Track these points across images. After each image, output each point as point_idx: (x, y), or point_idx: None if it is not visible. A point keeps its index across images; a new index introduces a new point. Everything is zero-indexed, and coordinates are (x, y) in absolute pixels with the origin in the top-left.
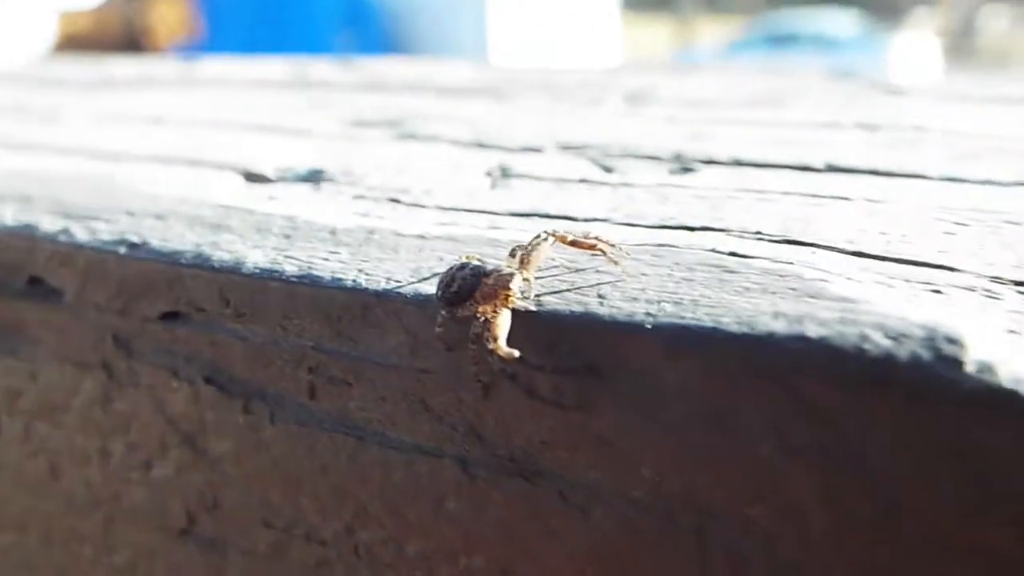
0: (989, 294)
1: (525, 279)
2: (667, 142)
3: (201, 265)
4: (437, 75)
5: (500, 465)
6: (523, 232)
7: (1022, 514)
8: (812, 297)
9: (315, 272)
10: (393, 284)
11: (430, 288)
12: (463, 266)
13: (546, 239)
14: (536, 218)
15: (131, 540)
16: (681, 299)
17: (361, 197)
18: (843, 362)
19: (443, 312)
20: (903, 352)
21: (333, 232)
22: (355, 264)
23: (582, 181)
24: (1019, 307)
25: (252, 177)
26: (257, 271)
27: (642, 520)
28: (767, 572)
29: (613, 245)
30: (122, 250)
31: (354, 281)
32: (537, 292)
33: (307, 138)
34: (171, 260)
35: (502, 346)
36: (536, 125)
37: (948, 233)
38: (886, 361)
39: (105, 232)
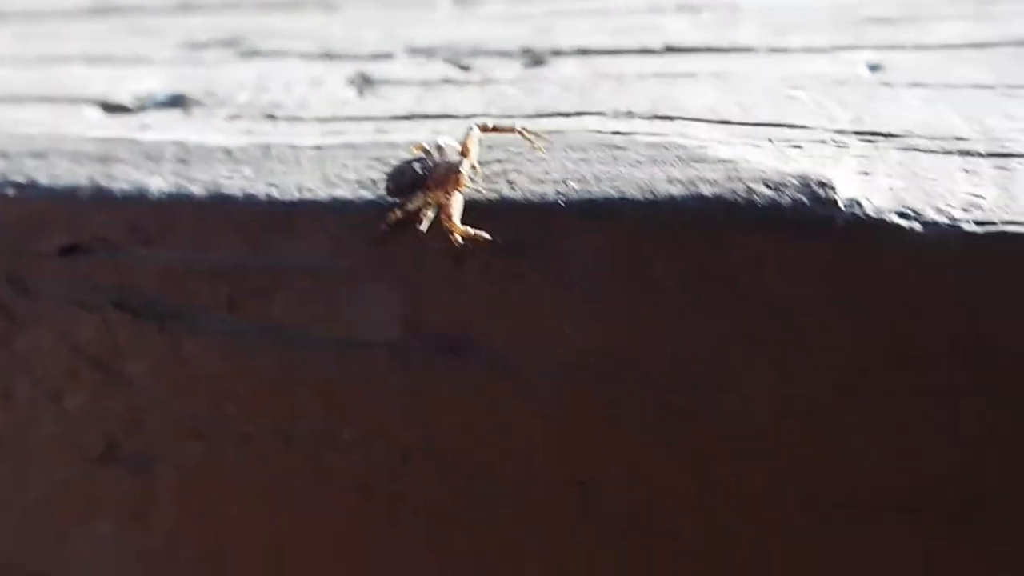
0: (838, 144)
1: (472, 165)
2: (513, 38)
3: (102, 197)
4: None
5: (431, 346)
6: (412, 133)
7: (890, 319)
8: (697, 162)
9: (224, 191)
10: (307, 193)
11: (344, 193)
12: (410, 161)
13: (472, 129)
14: (418, 119)
15: (45, 474)
16: (583, 176)
17: (237, 116)
18: (735, 212)
19: (394, 202)
20: (785, 199)
21: (229, 152)
22: (262, 179)
23: (446, 81)
24: (865, 152)
25: (111, 108)
26: (164, 197)
27: (571, 380)
28: (690, 414)
29: (531, 131)
30: (10, 192)
31: (267, 195)
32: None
33: (147, 65)
34: (67, 196)
35: (458, 224)
36: (376, 32)
37: (790, 97)
38: (771, 207)
39: None
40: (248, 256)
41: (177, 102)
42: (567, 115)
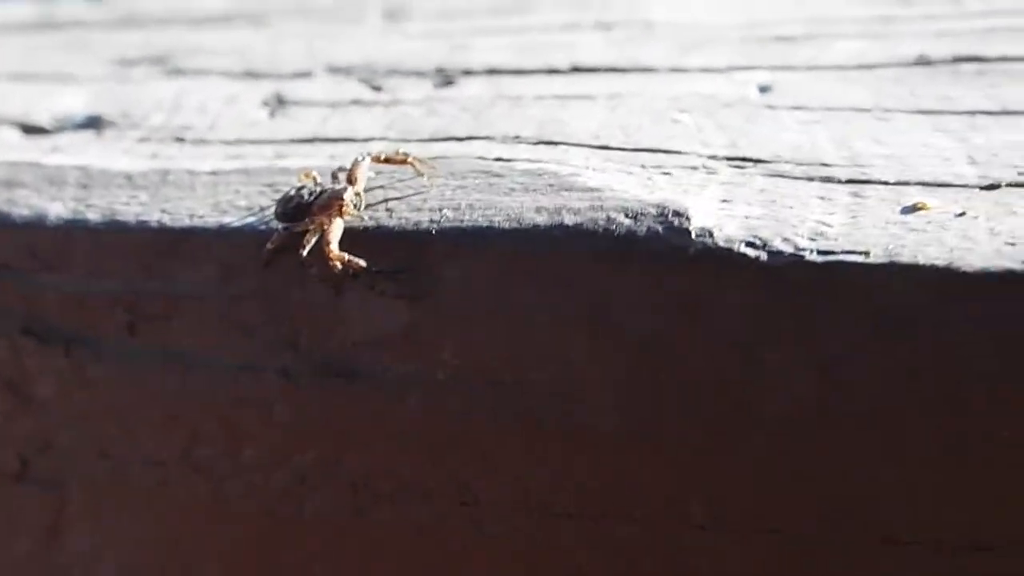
0: (707, 170)
1: (356, 193)
2: (429, 56)
3: (2, 224)
4: (193, 6)
5: (317, 369)
6: (308, 158)
7: (739, 342)
8: (566, 190)
9: (119, 218)
10: (197, 220)
11: (232, 220)
12: (300, 187)
13: (364, 159)
14: (318, 143)
15: None
16: (459, 204)
17: (146, 139)
18: (595, 242)
19: (280, 228)
20: (641, 228)
21: (129, 177)
22: (156, 205)
23: (355, 102)
24: (731, 179)
25: (30, 129)
26: (61, 223)
27: (447, 399)
28: (561, 434)
29: (421, 160)
30: None
31: (159, 222)
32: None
33: (73, 83)
34: None
35: (335, 251)
36: (301, 50)
37: (674, 121)
38: (629, 236)
39: None
40: (142, 283)
41: (93, 123)
42: (459, 139)
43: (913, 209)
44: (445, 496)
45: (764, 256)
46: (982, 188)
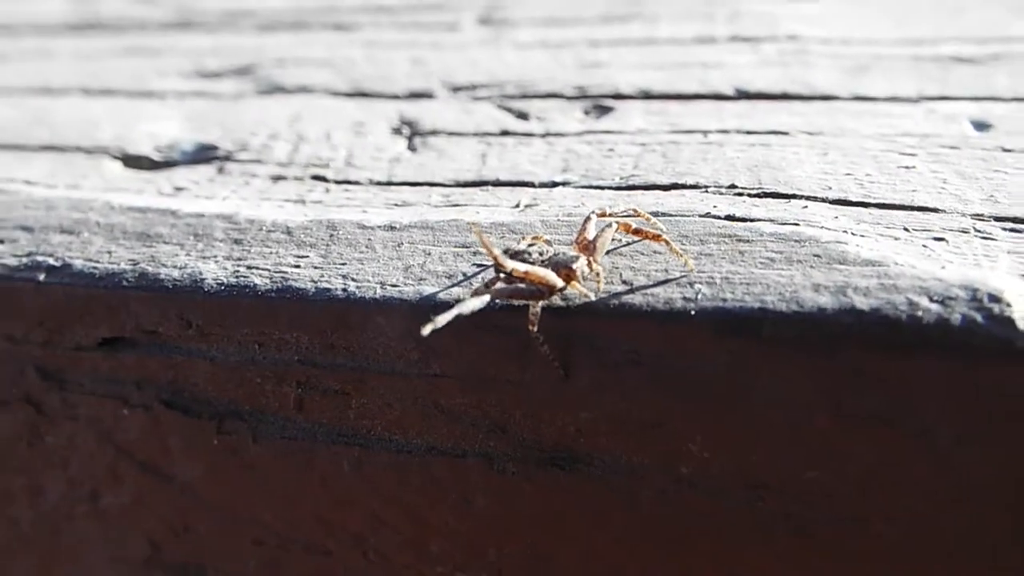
0: (981, 235)
1: (590, 263)
2: (560, 74)
3: (150, 287)
4: (254, 6)
5: (530, 457)
6: (489, 208)
7: None
8: (840, 263)
9: (292, 283)
10: (390, 289)
11: (429, 287)
12: (531, 244)
13: (610, 226)
14: (490, 187)
15: (78, 574)
16: (712, 278)
17: (280, 178)
18: (897, 331)
19: (495, 276)
20: (955, 316)
21: (288, 231)
22: (333, 269)
23: (505, 134)
24: (1017, 247)
25: (133, 161)
26: (222, 288)
27: (691, 497)
28: (833, 546)
29: (663, 232)
30: (40, 276)
31: (344, 290)
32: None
33: (157, 100)
34: (109, 283)
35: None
36: (404, 61)
37: (905, 167)
38: (940, 325)
39: (7, 255)
40: (320, 355)
41: (205, 155)
42: (664, 188)
43: None
44: None
45: None
46: None
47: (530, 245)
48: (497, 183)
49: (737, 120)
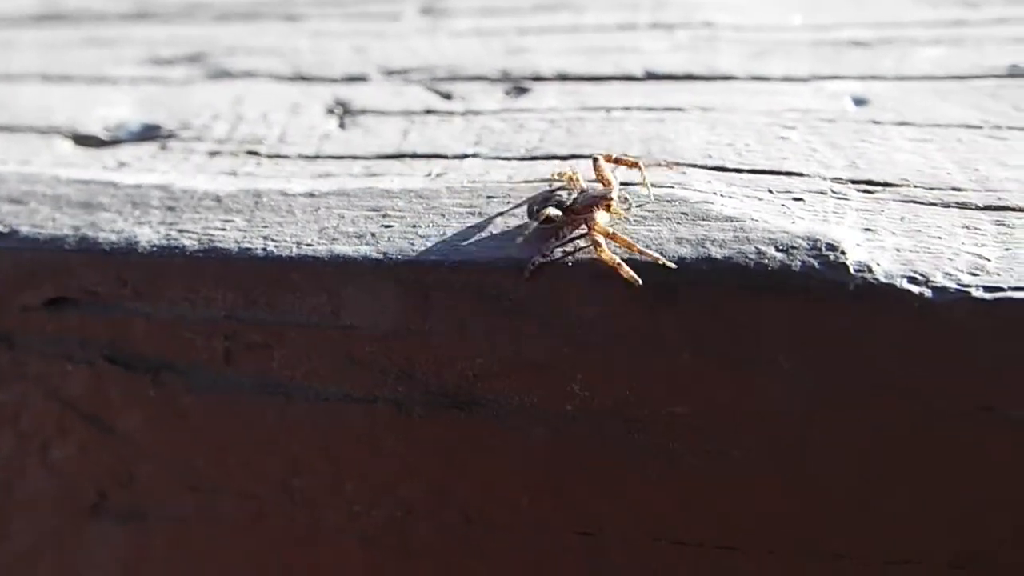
0: (837, 195)
1: (621, 196)
2: (488, 59)
3: (90, 249)
4: None
5: (434, 400)
6: (404, 176)
7: (895, 382)
8: (703, 219)
9: (218, 244)
10: (305, 248)
11: (345, 248)
12: (553, 190)
13: (597, 159)
14: (407, 159)
15: (31, 526)
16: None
17: (217, 153)
18: (747, 276)
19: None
20: (795, 263)
21: (218, 199)
22: (256, 232)
23: (429, 112)
24: (865, 205)
25: (82, 140)
26: (154, 250)
27: (575, 432)
28: (698, 468)
29: (647, 166)
30: None
31: (264, 249)
32: (456, 242)
33: (111, 86)
34: (53, 247)
35: (605, 228)
36: (346, 48)
37: (781, 138)
38: (783, 272)
39: None
40: (244, 310)
41: (151, 133)
42: (562, 158)
43: None
44: (565, 527)
45: (928, 293)
46: None
47: (553, 191)
48: (414, 155)
49: (641, 98)
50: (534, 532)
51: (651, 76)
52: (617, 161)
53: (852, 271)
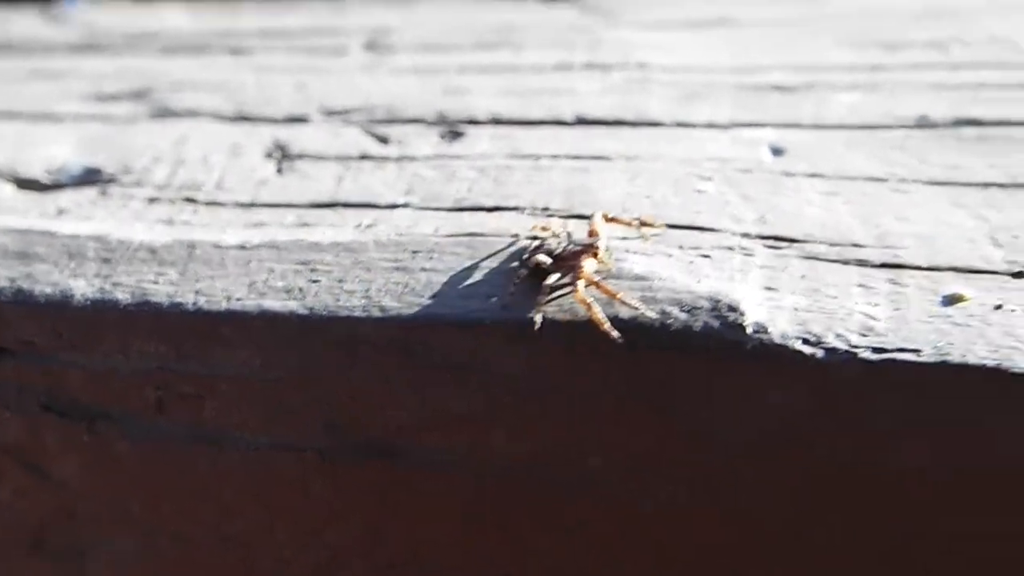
0: (744, 251)
1: (606, 247)
2: (425, 100)
3: (25, 302)
4: (152, 24)
5: (358, 449)
6: (335, 227)
7: (786, 435)
8: (616, 279)
9: (151, 299)
10: (235, 304)
11: (273, 304)
12: (538, 241)
13: (595, 214)
14: (339, 208)
15: None
16: (509, 290)
17: (155, 200)
18: (652, 337)
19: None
20: (697, 323)
21: (153, 251)
22: (188, 285)
23: (364, 158)
24: (770, 262)
25: (24, 184)
26: (88, 303)
27: (496, 483)
28: (613, 517)
29: (644, 224)
30: None
31: (194, 304)
32: (379, 298)
33: (55, 123)
34: None
35: (591, 276)
36: (289, 86)
37: (698, 191)
38: (685, 332)
39: None
40: (176, 363)
41: (92, 178)
42: (487, 209)
43: (952, 300)
44: (489, 571)
45: (820, 353)
46: (1012, 275)
47: (540, 242)
48: (347, 205)
49: (570, 145)
50: (455, 572)
51: (581, 121)
52: (614, 220)
53: (750, 332)
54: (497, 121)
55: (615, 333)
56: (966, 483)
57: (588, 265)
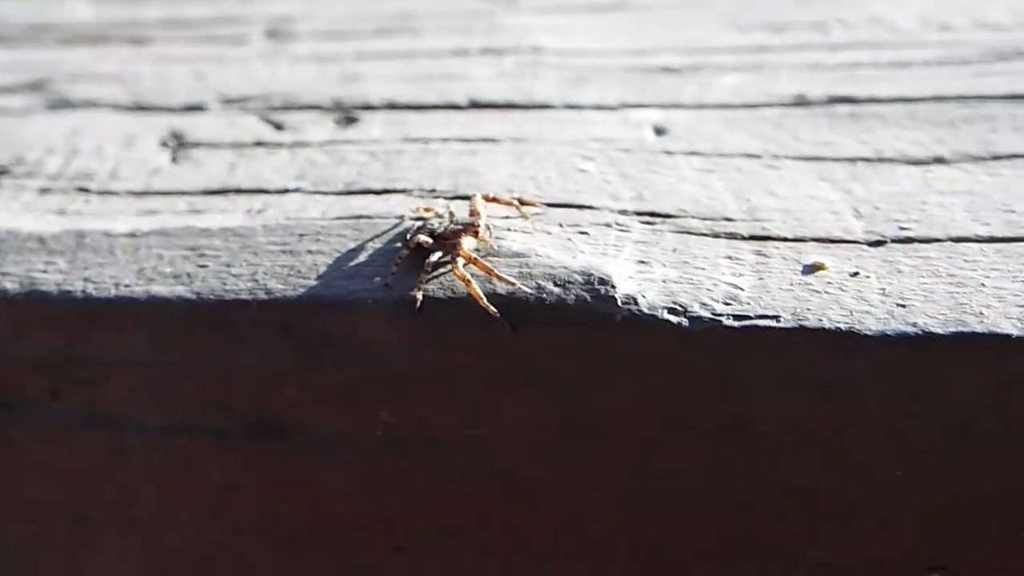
0: (620, 227)
1: (486, 225)
2: (323, 86)
3: None
4: (54, 15)
5: (251, 429)
6: (225, 213)
7: (659, 401)
8: (494, 256)
9: (39, 287)
10: (124, 290)
11: (161, 289)
12: (422, 220)
13: (475, 195)
14: (231, 194)
15: None
16: (392, 270)
17: (47, 190)
18: (528, 311)
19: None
20: (570, 296)
21: (42, 240)
22: (77, 273)
23: (258, 144)
24: (644, 237)
25: None
26: None
27: (384, 456)
28: (495, 485)
29: (524, 203)
30: None
31: (83, 292)
32: (265, 281)
33: None
34: None
35: (468, 253)
36: (189, 76)
37: (580, 171)
38: (559, 305)
39: None
40: (68, 349)
41: None
42: (376, 192)
43: (813, 269)
44: (381, 543)
45: (685, 322)
46: (870, 244)
47: (424, 221)
48: (239, 191)
49: (460, 129)
50: (354, 548)
51: (474, 105)
52: (495, 200)
53: (620, 303)
54: (392, 106)
55: (492, 308)
56: (818, 439)
57: (467, 243)
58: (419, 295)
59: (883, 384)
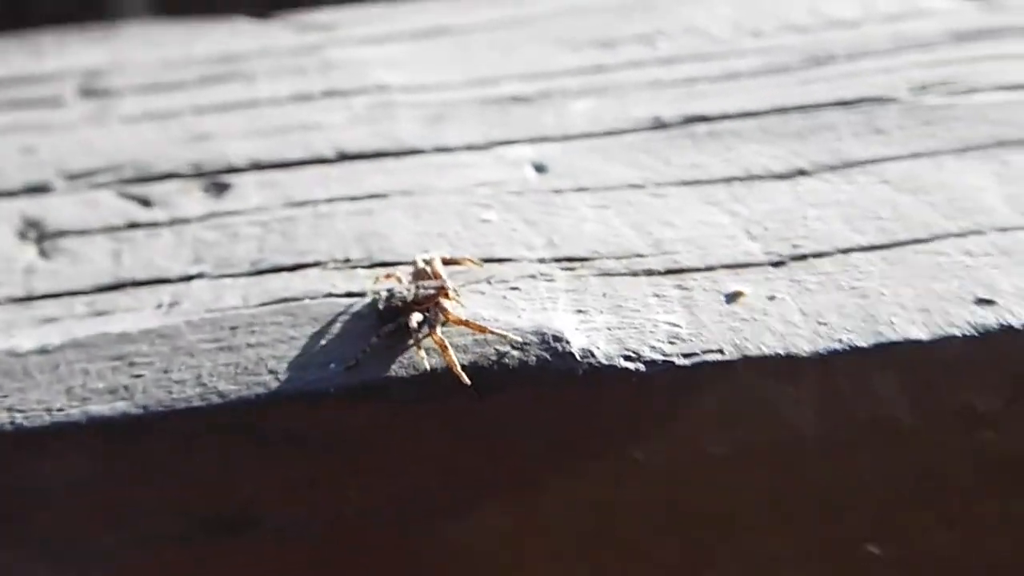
0: (546, 278)
1: (454, 288)
2: (172, 150)
3: None
4: None
5: (211, 527)
6: (136, 312)
7: (614, 440)
8: (444, 326)
9: None
10: (58, 415)
11: (98, 407)
12: (389, 291)
13: (434, 258)
14: (129, 289)
15: None
16: (343, 354)
17: None
18: (490, 377)
19: (384, 331)
20: (531, 358)
21: None
22: None
23: (132, 226)
24: (571, 285)
25: None
26: None
27: (351, 526)
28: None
29: (475, 261)
30: None
31: (12, 423)
32: (214, 384)
33: None
34: None
35: (457, 317)
36: (15, 149)
37: (483, 220)
38: (521, 369)
39: None
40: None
41: None
42: (289, 269)
43: (734, 297)
44: None
45: (642, 367)
46: (772, 265)
47: (390, 292)
48: (135, 283)
49: (341, 186)
50: None
51: (343, 156)
52: (453, 261)
53: (578, 358)
54: (257, 166)
55: (465, 377)
56: (760, 465)
57: (450, 306)
58: (423, 356)
59: (818, 399)
